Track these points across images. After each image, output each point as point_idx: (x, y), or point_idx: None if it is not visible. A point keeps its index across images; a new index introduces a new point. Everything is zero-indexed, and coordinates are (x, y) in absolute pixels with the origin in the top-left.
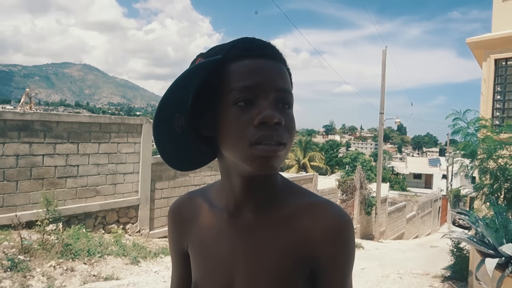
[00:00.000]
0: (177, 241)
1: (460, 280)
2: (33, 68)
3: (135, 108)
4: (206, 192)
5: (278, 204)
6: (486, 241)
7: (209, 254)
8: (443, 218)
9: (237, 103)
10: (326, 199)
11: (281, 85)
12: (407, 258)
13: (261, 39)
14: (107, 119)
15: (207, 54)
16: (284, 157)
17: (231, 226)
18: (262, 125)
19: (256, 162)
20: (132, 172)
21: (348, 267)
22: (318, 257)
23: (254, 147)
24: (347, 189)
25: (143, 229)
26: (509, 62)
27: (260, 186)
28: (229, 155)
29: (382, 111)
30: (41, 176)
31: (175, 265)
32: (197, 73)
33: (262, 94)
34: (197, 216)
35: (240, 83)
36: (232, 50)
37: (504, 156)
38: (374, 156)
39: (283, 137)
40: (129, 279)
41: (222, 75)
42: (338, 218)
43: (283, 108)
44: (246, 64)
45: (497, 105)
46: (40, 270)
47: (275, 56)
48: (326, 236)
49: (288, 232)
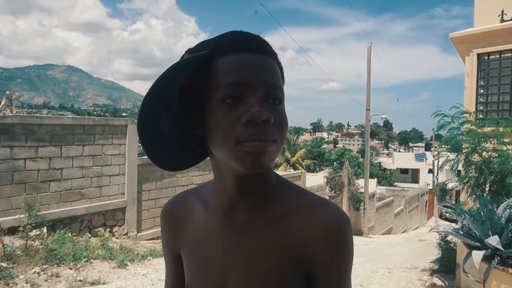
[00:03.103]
0: (170, 242)
1: (448, 273)
2: (15, 71)
3: (121, 109)
4: (200, 192)
5: (272, 203)
6: (473, 234)
7: (203, 255)
8: (430, 212)
9: (224, 100)
10: (323, 198)
11: (271, 80)
12: (396, 252)
13: (249, 32)
14: (91, 121)
15: (194, 49)
16: (276, 154)
17: (225, 226)
18: (250, 123)
19: (246, 160)
20: (118, 174)
21: (346, 269)
22: (315, 259)
23: (242, 144)
24: (335, 185)
25: (131, 231)
26: (491, 57)
27: (254, 185)
28: (218, 154)
29: (368, 108)
30: (24, 180)
31: (169, 267)
32: (183, 69)
33: (250, 90)
34: (190, 217)
35: (227, 80)
36: (218, 44)
37: (488, 149)
38: (361, 152)
39: (271, 134)
40: (117, 283)
41: (209, 71)
42: (335, 218)
43: (273, 104)
44: (233, 59)
45: (480, 99)
46: (23, 277)
47: (263, 50)
48: (323, 237)
49: (283, 232)
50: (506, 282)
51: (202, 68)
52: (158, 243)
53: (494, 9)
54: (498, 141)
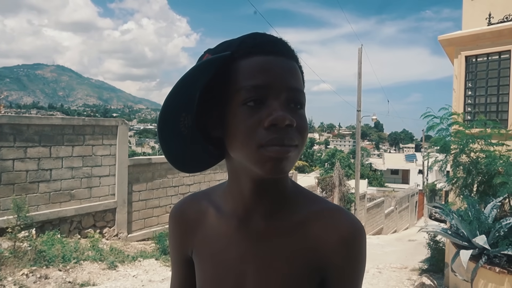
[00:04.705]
0: (180, 245)
1: (437, 272)
2: (3, 70)
3: (111, 110)
4: (211, 194)
5: (289, 209)
6: (461, 233)
7: (218, 261)
8: (420, 212)
9: (246, 103)
10: (338, 206)
11: (293, 84)
12: (386, 252)
13: (272, 35)
14: (81, 121)
15: (215, 50)
16: (296, 159)
17: (241, 232)
18: (273, 127)
19: (266, 165)
20: (108, 175)
21: (359, 276)
22: (330, 266)
23: (264, 148)
24: (326, 186)
25: (121, 232)
26: (479, 59)
27: (271, 190)
28: (238, 157)
29: (359, 109)
30: (12, 181)
31: (176, 270)
32: (205, 70)
33: (273, 93)
34: (202, 220)
35: (250, 82)
36: (241, 46)
37: (476, 150)
38: (352, 153)
39: (294, 139)
40: (106, 285)
41: (231, 72)
42: (351, 226)
43: (295, 108)
44: (256, 61)
45: (468, 101)
46: (11, 279)
47: (286, 53)
48: (338, 245)
49: (299, 240)
50: (493, 281)
51: (222, 68)
52: (148, 244)
53: (482, 12)
54: (485, 142)
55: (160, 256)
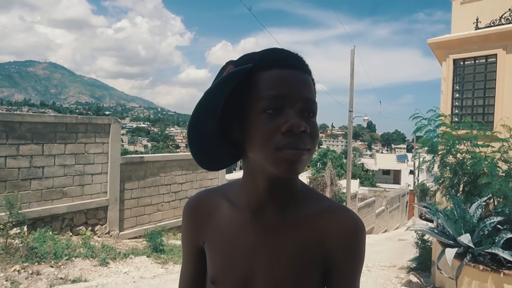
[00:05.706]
0: (193, 236)
1: (424, 271)
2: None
3: (104, 108)
4: (225, 190)
5: (297, 206)
6: (447, 232)
7: (229, 250)
8: (410, 212)
9: (265, 110)
10: (341, 205)
11: (307, 95)
12: (376, 251)
13: (289, 50)
14: (74, 119)
15: (237, 62)
16: (307, 162)
17: (253, 224)
18: (289, 133)
19: (282, 166)
20: (101, 173)
21: (359, 267)
22: (333, 257)
23: (280, 151)
24: (318, 186)
25: (113, 230)
26: (466, 62)
27: (283, 189)
28: (256, 157)
29: (351, 109)
30: (4, 178)
31: (188, 260)
32: (230, 81)
33: (290, 103)
34: (216, 213)
35: (269, 92)
36: (263, 59)
37: (462, 151)
38: (345, 153)
39: (307, 144)
40: (98, 281)
41: (252, 83)
42: (352, 223)
43: (308, 117)
44: (275, 74)
45: (456, 103)
46: (3, 275)
47: (302, 67)
48: (341, 239)
49: (306, 233)
50: (477, 279)
51: (244, 79)
52: (140, 241)
53: (470, 16)
54: (471, 143)
55: (152, 254)
